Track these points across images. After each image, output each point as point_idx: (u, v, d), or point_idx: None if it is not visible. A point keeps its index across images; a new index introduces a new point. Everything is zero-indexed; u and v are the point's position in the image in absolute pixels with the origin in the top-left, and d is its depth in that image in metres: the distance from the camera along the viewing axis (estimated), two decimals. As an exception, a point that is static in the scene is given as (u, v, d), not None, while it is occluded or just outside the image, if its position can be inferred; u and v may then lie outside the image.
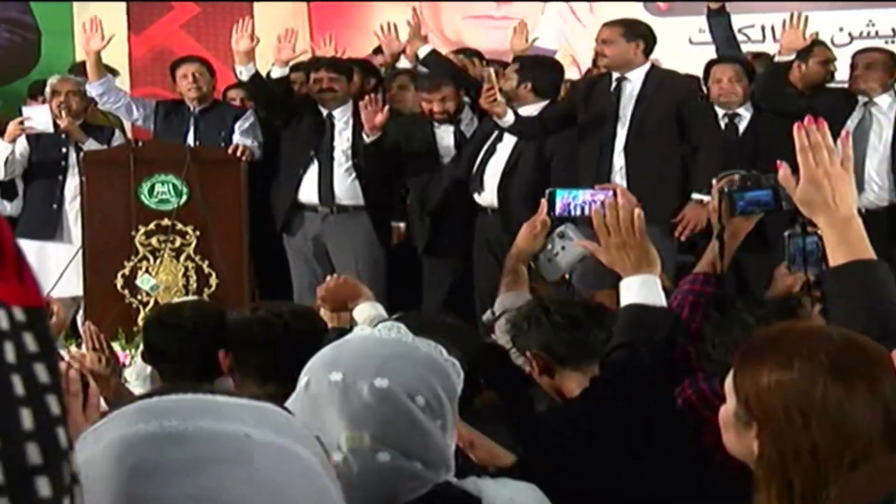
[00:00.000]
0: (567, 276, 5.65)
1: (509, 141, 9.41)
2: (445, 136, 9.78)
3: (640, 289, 3.98)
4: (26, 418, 1.13)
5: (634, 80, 9.16)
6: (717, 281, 4.47)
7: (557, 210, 5.12)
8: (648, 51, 9.24)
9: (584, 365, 4.04)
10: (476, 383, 4.22)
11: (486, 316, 5.62)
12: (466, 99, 9.75)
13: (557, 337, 4.07)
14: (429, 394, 2.76)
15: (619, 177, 8.90)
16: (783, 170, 3.47)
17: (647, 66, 9.23)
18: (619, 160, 9.06)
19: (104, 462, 1.60)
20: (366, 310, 5.30)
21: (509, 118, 9.13)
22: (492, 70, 9.28)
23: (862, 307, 3.19)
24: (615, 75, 9.23)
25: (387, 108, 9.56)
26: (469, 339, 4.43)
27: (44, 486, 1.12)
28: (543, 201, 5.27)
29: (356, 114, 9.81)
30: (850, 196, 3.32)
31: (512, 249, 5.82)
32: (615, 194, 4.27)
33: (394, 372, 2.74)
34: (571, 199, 5.08)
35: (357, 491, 2.60)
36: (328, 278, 5.74)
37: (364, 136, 9.59)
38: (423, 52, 9.63)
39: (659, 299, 4.01)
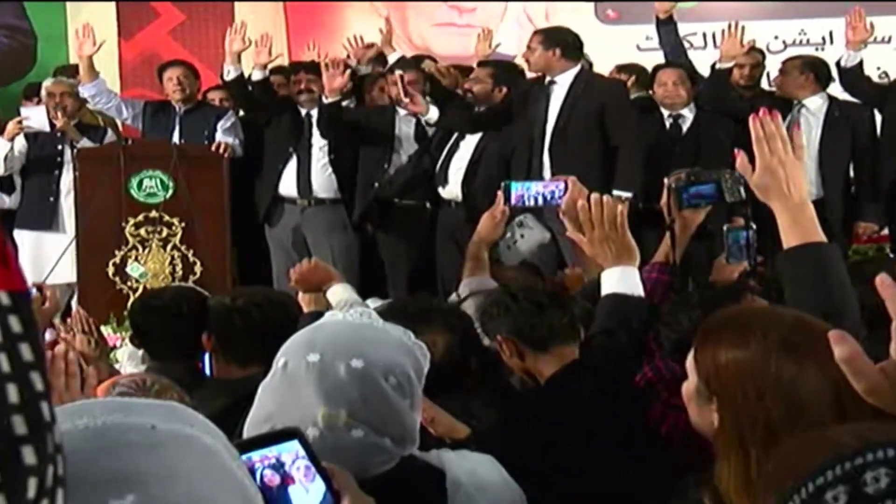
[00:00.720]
0: None
1: (472, 138, 9.47)
2: (406, 125, 9.82)
3: (620, 279, 4.05)
4: (12, 393, 1.14)
5: (562, 84, 9.20)
6: (671, 269, 4.51)
7: (512, 200, 5.20)
8: (570, 56, 9.23)
9: (551, 347, 4.05)
10: (467, 365, 4.30)
11: (452, 298, 5.66)
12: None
13: (526, 322, 4.09)
14: (400, 374, 2.77)
15: (547, 174, 8.90)
16: (740, 158, 3.48)
17: (575, 70, 9.24)
18: (545, 158, 9.12)
19: None
20: (338, 292, 5.32)
21: (433, 114, 9.35)
22: (398, 73, 9.35)
23: (813, 286, 3.23)
24: (547, 79, 9.26)
25: (348, 71, 9.62)
26: (461, 322, 4.51)
27: (29, 455, 1.13)
28: (500, 192, 5.34)
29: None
30: (802, 182, 3.35)
31: (474, 237, 5.89)
32: (566, 186, 4.33)
33: (368, 353, 2.75)
34: (525, 190, 5.16)
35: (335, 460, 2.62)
36: (302, 262, 5.72)
37: (324, 98, 9.62)
38: (392, 58, 9.60)
39: (637, 289, 4.08)
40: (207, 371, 5.15)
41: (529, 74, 9.71)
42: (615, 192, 8.41)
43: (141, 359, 5.59)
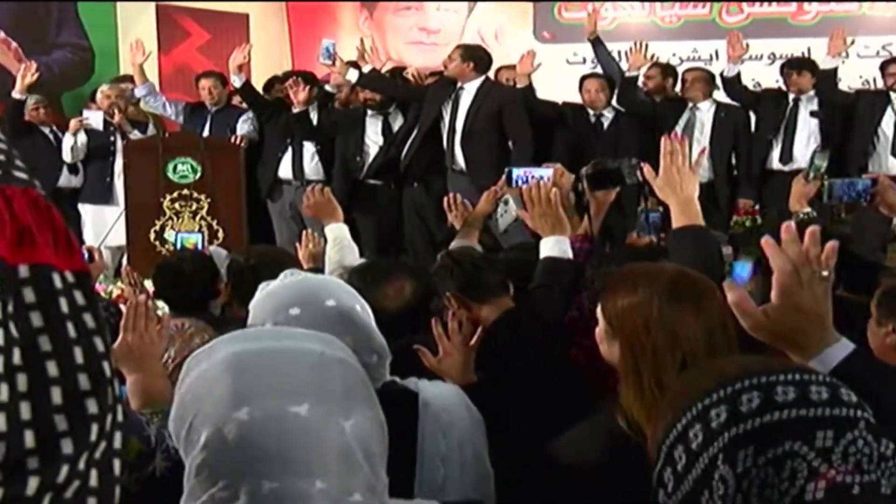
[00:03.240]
0: None
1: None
2: (373, 124, 9.79)
3: (555, 246, 4.11)
4: (78, 355, 1.11)
5: (469, 90, 9.32)
6: (591, 239, 4.50)
7: (513, 183, 5.22)
8: (480, 70, 9.36)
9: (489, 299, 4.03)
10: (427, 307, 4.29)
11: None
12: None
13: (466, 280, 4.08)
14: (359, 304, 2.78)
15: (460, 161, 9.25)
16: (647, 168, 3.73)
17: (480, 80, 9.36)
18: (457, 150, 9.29)
19: (219, 369, 1.69)
20: (335, 229, 5.30)
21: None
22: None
23: (693, 255, 3.28)
24: (458, 84, 9.36)
25: (308, 87, 9.67)
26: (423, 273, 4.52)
27: (92, 405, 1.11)
28: (504, 176, 5.39)
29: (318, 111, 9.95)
30: (691, 186, 3.54)
31: (476, 209, 5.90)
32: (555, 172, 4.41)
33: (337, 296, 2.74)
34: (522, 175, 5.21)
35: None
36: (314, 192, 5.64)
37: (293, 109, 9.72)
38: (366, 69, 9.62)
39: (568, 254, 4.13)
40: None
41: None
42: None
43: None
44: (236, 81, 10.06)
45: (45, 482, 1.07)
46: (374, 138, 9.79)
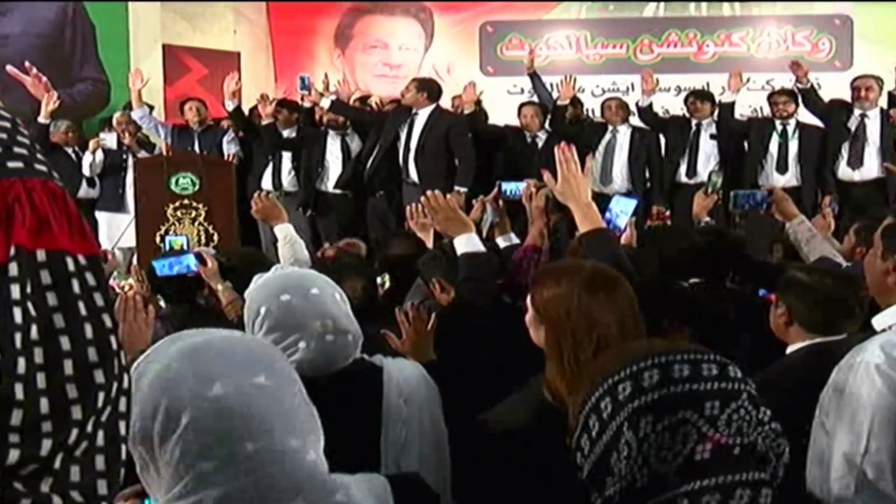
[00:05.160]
0: None
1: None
2: (333, 142, 9.83)
3: (467, 243, 3.92)
4: (88, 330, 1.10)
5: (422, 115, 9.31)
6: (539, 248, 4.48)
7: (504, 195, 5.25)
8: (432, 99, 9.36)
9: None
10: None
11: None
12: None
13: (451, 268, 4.07)
14: (337, 293, 2.78)
15: (414, 175, 9.22)
16: (546, 174, 3.62)
17: (432, 107, 9.36)
18: (412, 167, 9.27)
19: (178, 360, 1.60)
20: (283, 229, 5.15)
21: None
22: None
23: (600, 254, 3.25)
24: (413, 110, 9.36)
25: (272, 103, 9.83)
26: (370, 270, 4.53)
27: (99, 375, 1.10)
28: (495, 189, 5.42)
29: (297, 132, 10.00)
30: (586, 191, 3.45)
31: (470, 215, 5.83)
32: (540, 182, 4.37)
33: (319, 285, 2.74)
34: (509, 187, 5.27)
35: (316, 362, 2.63)
36: (261, 198, 5.49)
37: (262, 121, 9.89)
38: (326, 101, 9.62)
39: (480, 247, 3.95)
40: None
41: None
42: (456, 188, 8.77)
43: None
44: (229, 106, 10.03)
45: (57, 443, 1.06)
46: (334, 153, 9.83)
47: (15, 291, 1.05)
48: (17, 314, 1.05)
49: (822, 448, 2.44)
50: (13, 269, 1.06)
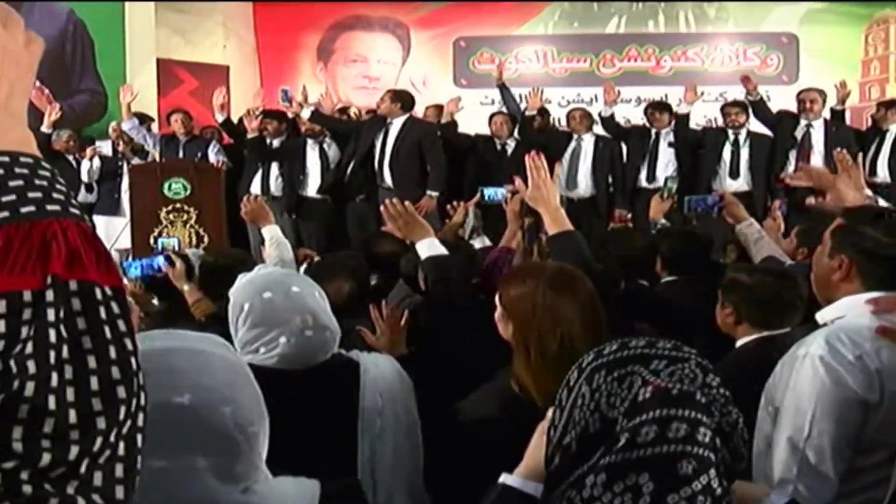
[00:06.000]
0: None
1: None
2: (312, 150, 9.82)
3: (429, 247, 3.87)
4: (112, 351, 1.14)
5: (396, 124, 9.28)
6: (513, 250, 4.47)
7: (485, 199, 5.23)
8: (405, 109, 9.34)
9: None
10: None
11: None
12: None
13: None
14: (317, 291, 2.77)
15: (389, 181, 9.20)
16: (518, 181, 3.66)
17: (405, 116, 9.34)
18: (386, 173, 9.25)
19: None
20: (271, 230, 5.14)
21: (306, 113, 9.62)
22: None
23: (567, 254, 3.24)
24: (388, 119, 9.34)
25: (259, 118, 9.86)
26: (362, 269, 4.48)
27: (121, 391, 1.14)
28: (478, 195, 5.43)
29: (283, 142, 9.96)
30: (555, 196, 3.47)
31: (452, 221, 5.77)
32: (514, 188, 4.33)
33: (299, 283, 2.74)
34: (491, 192, 5.23)
35: (296, 356, 2.62)
36: (250, 201, 5.50)
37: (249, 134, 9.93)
38: (306, 113, 9.65)
39: (441, 250, 3.89)
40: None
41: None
42: (428, 192, 8.78)
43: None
44: (219, 118, 10.08)
45: (84, 450, 1.10)
46: (314, 161, 9.81)
47: (50, 314, 1.11)
48: (52, 334, 1.10)
49: (767, 433, 2.47)
50: (49, 295, 1.11)
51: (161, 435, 1.40)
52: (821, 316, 2.59)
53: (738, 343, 3.43)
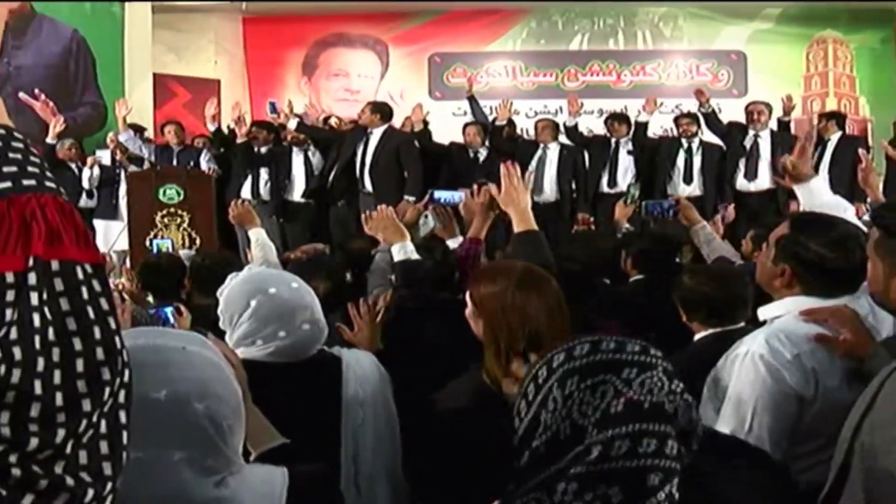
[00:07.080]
0: None
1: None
2: (297, 158, 9.77)
3: (401, 250, 3.96)
4: (96, 332, 1.10)
5: (376, 134, 9.31)
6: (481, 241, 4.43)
7: (437, 202, 5.17)
8: (384, 120, 9.35)
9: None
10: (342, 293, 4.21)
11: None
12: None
13: None
14: (306, 289, 2.73)
15: (369, 186, 9.21)
16: (492, 187, 3.71)
17: (384, 127, 9.37)
18: (367, 179, 9.26)
19: None
20: (256, 233, 5.09)
21: (292, 123, 9.77)
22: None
23: (531, 252, 3.26)
24: (368, 130, 9.36)
25: (253, 126, 9.88)
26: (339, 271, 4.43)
27: (105, 373, 1.10)
28: (427, 197, 5.34)
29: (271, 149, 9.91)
30: (525, 199, 3.49)
31: (405, 219, 5.73)
32: (475, 192, 4.25)
33: (295, 279, 2.72)
34: (441, 196, 5.19)
35: (292, 349, 2.60)
36: (237, 205, 5.48)
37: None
38: (292, 123, 9.76)
39: (414, 255, 3.96)
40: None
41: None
42: (405, 197, 8.67)
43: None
44: (211, 128, 10.07)
45: (69, 432, 1.07)
46: (298, 167, 9.78)
47: (34, 298, 1.07)
48: (36, 318, 1.06)
49: (710, 425, 2.46)
50: (32, 278, 1.07)
51: (137, 428, 1.37)
52: (762, 312, 2.60)
53: (696, 337, 3.42)
